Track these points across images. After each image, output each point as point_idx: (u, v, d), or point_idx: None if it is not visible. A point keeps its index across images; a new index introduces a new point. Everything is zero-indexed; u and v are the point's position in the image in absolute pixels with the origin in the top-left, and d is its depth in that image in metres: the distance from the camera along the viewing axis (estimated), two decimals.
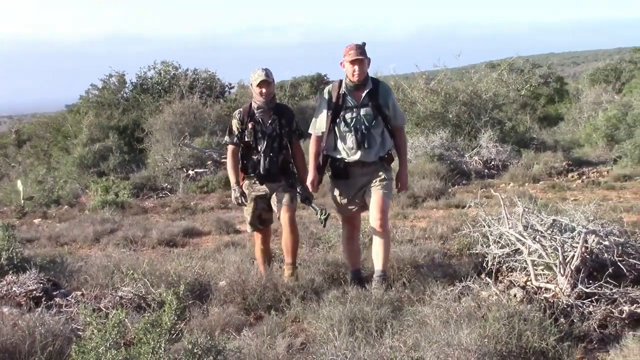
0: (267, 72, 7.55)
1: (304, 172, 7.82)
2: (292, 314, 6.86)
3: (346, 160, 7.44)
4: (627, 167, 17.09)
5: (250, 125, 7.66)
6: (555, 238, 6.86)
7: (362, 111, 7.31)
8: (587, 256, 6.72)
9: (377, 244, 7.39)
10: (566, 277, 6.47)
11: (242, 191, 7.76)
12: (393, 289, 7.20)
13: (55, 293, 7.74)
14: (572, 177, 16.83)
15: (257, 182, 7.80)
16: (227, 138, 7.89)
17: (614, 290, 6.38)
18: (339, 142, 7.44)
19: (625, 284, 6.54)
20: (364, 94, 7.30)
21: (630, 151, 18.12)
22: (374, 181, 7.43)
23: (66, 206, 17.78)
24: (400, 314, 6.55)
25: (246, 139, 7.70)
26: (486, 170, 18.13)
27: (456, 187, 16.12)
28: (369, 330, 6.05)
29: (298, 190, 7.77)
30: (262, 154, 7.65)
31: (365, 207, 7.65)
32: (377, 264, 7.34)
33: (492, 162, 18.52)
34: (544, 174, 17.27)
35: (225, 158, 8.33)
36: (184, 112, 23.85)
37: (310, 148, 7.59)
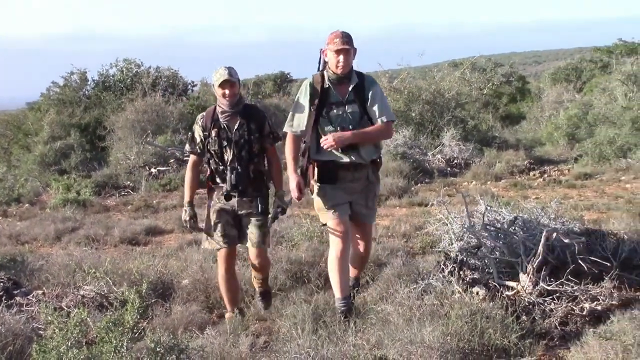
0: (230, 71, 6.48)
1: (279, 180, 6.87)
2: (255, 313, 6.87)
3: (339, 162, 6.50)
4: (588, 165, 17.29)
5: (214, 132, 6.63)
6: (517, 236, 6.91)
7: (349, 108, 6.47)
8: (549, 254, 6.77)
9: (358, 252, 6.97)
10: (528, 275, 6.52)
11: (194, 213, 6.77)
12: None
13: (15, 292, 7.72)
14: (534, 175, 16.99)
15: (224, 198, 6.67)
16: (187, 147, 6.85)
17: (574, 288, 6.44)
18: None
19: (586, 281, 6.59)
20: (350, 89, 6.46)
21: (591, 150, 18.32)
22: (364, 203, 6.69)
23: (27, 204, 17.64)
24: (364, 312, 6.58)
25: (210, 148, 6.66)
26: (449, 169, 18.28)
27: (419, 185, 16.24)
28: (332, 328, 6.06)
29: (274, 209, 6.73)
30: (228, 167, 6.61)
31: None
32: (352, 270, 7.03)
33: (455, 161, 18.69)
34: (506, 173, 17.42)
35: (188, 156, 7.16)
36: (146, 110, 23.67)
37: (287, 148, 6.62)
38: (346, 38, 6.33)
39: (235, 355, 5.45)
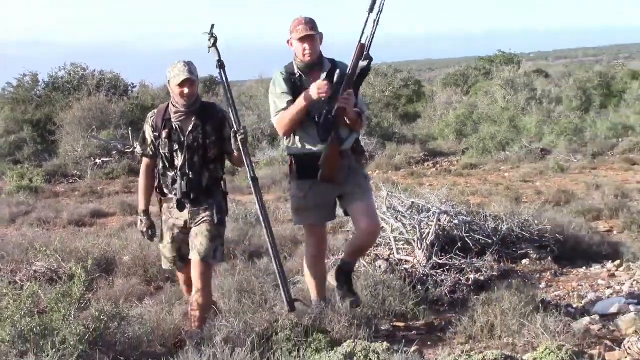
0: (191, 68, 4.94)
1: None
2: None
3: (317, 153, 5.10)
4: (473, 157, 17.56)
5: (164, 134, 5.03)
6: (414, 217, 6.98)
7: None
8: (440, 233, 6.86)
9: (360, 242, 5.38)
10: (423, 250, 6.59)
11: (151, 223, 5.25)
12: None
13: None
14: (428, 165, 17.21)
15: (177, 207, 5.11)
16: (138, 148, 5.24)
17: (462, 262, 6.54)
18: (299, 134, 5.20)
19: (471, 256, 6.70)
20: (323, 75, 5.05)
21: (476, 144, 18.63)
22: (354, 188, 5.27)
23: None
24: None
25: (160, 151, 5.09)
26: None
27: None
28: (254, 299, 6.05)
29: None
30: (178, 172, 5.04)
31: (332, 217, 5.53)
32: (347, 254, 5.50)
33: None
34: (404, 163, 17.59)
35: (129, 148, 6.33)
36: (91, 108, 23.61)
37: (288, 113, 5.12)
38: (310, 24, 5.10)
39: (170, 322, 5.39)
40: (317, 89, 4.98)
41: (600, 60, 75.06)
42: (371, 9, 5.00)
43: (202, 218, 5.11)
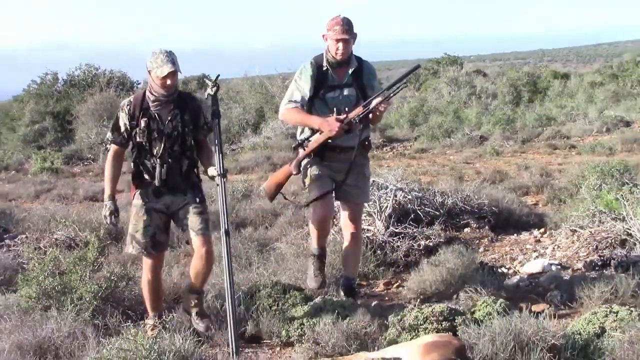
0: (173, 59, 4.26)
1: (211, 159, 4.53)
2: (184, 250, 6.72)
3: (327, 143, 4.69)
4: (424, 143, 17.54)
5: (143, 123, 4.34)
6: (374, 193, 6.97)
7: (346, 91, 4.76)
8: (396, 206, 6.87)
9: (349, 249, 5.05)
10: (381, 221, 6.60)
11: (115, 208, 4.49)
12: (258, 230, 7.21)
13: (5, 236, 7.68)
14: (386, 150, 17.15)
15: (153, 194, 4.48)
16: (109, 135, 4.49)
17: (414, 230, 6.57)
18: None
19: (422, 225, 6.72)
20: (349, 73, 4.75)
21: (426, 132, 18.65)
22: (354, 183, 4.88)
23: (13, 171, 17.34)
24: (265, 250, 6.56)
25: (137, 139, 4.39)
26: None
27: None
28: (240, 262, 6.03)
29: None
30: (157, 160, 4.40)
31: (330, 187, 4.91)
32: (346, 268, 5.13)
33: None
34: None
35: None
36: (102, 102, 23.44)
37: (298, 115, 4.74)
38: (346, 26, 4.61)
39: (169, 281, 5.37)
40: (328, 126, 4.57)
41: (528, 62, 75.45)
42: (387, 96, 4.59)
43: (185, 201, 4.48)
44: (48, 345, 4.26)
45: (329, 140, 4.64)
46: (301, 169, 4.82)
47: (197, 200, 4.49)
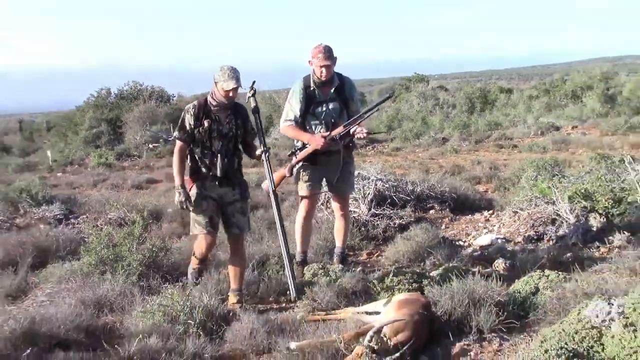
0: (238, 76, 4.12)
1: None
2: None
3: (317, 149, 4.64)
4: (398, 143, 17.51)
5: (206, 124, 4.20)
6: (359, 183, 6.98)
7: (331, 105, 4.68)
8: (376, 193, 6.87)
9: (339, 226, 5.07)
10: (365, 205, 6.60)
11: (188, 194, 4.23)
12: (268, 212, 7.18)
13: (70, 216, 7.78)
14: (368, 149, 17.11)
15: (213, 183, 4.27)
16: (176, 133, 4.29)
17: (390, 212, 6.57)
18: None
19: (397, 208, 6.73)
20: (332, 90, 4.66)
21: (400, 135, 18.64)
22: (342, 179, 4.86)
23: (76, 166, 17.51)
24: (273, 227, 6.55)
25: (198, 137, 4.23)
26: None
27: None
28: (254, 237, 6.03)
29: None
30: (218, 154, 4.23)
31: (319, 188, 5.00)
32: (338, 241, 5.12)
33: None
34: None
35: (170, 137, 5.22)
36: (145, 111, 23.79)
37: (292, 131, 4.73)
38: (328, 53, 4.54)
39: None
40: (315, 141, 4.59)
41: (480, 79, 75.15)
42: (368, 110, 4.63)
43: (234, 196, 4.31)
44: (104, 301, 4.29)
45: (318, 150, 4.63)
46: (294, 172, 4.79)
47: (243, 197, 4.35)
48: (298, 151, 4.75)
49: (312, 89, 4.66)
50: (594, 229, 5.54)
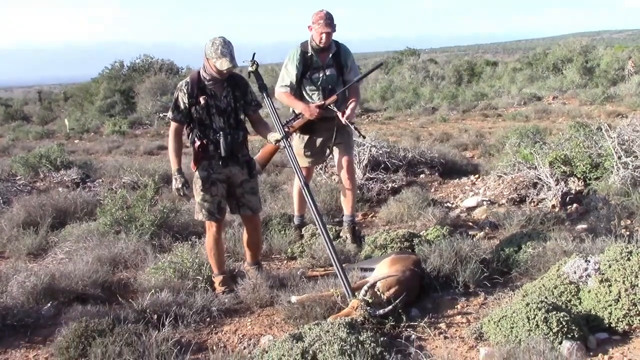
0: (232, 52, 3.45)
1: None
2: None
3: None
4: (391, 112, 17.39)
5: (202, 100, 3.55)
6: (355, 149, 6.89)
7: (328, 71, 4.29)
8: (371, 159, 6.81)
9: (347, 193, 4.53)
10: (360, 170, 6.56)
11: (185, 180, 3.64)
12: (270, 176, 7.13)
13: (87, 180, 7.73)
14: (363, 117, 17.00)
15: (220, 163, 3.65)
16: (170, 114, 3.67)
17: (384, 176, 6.52)
18: (305, 99, 4.36)
19: (390, 172, 6.68)
20: (329, 56, 4.29)
21: (392, 105, 18.48)
22: (342, 140, 4.45)
23: (92, 133, 17.36)
24: (275, 190, 6.53)
25: (196, 115, 3.59)
26: None
27: None
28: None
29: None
30: (220, 132, 3.60)
31: (322, 160, 4.86)
32: (346, 210, 4.59)
33: None
34: None
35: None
36: (156, 82, 23.65)
37: (287, 99, 4.34)
38: (329, 20, 4.15)
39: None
40: (309, 111, 4.24)
41: (467, 53, 74.53)
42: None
43: (243, 176, 3.72)
44: (119, 259, 4.28)
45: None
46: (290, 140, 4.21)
47: (251, 176, 3.76)
48: (292, 121, 4.37)
49: (309, 54, 4.27)
50: (573, 192, 5.51)
